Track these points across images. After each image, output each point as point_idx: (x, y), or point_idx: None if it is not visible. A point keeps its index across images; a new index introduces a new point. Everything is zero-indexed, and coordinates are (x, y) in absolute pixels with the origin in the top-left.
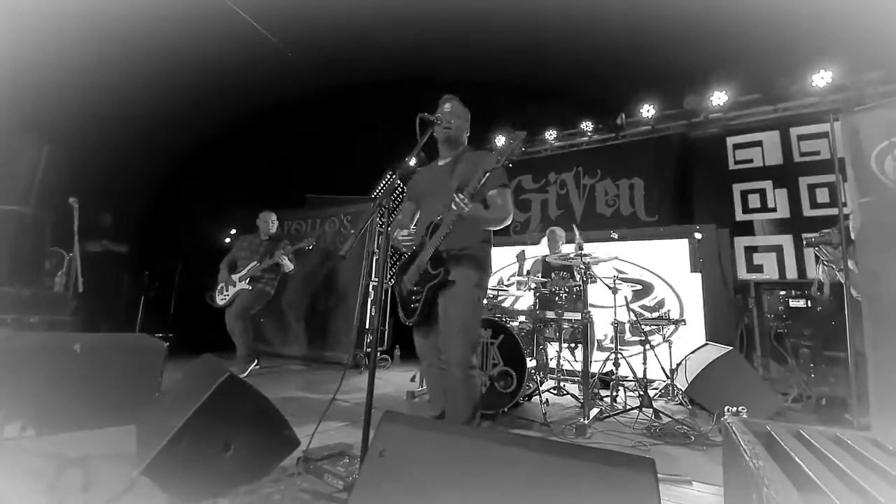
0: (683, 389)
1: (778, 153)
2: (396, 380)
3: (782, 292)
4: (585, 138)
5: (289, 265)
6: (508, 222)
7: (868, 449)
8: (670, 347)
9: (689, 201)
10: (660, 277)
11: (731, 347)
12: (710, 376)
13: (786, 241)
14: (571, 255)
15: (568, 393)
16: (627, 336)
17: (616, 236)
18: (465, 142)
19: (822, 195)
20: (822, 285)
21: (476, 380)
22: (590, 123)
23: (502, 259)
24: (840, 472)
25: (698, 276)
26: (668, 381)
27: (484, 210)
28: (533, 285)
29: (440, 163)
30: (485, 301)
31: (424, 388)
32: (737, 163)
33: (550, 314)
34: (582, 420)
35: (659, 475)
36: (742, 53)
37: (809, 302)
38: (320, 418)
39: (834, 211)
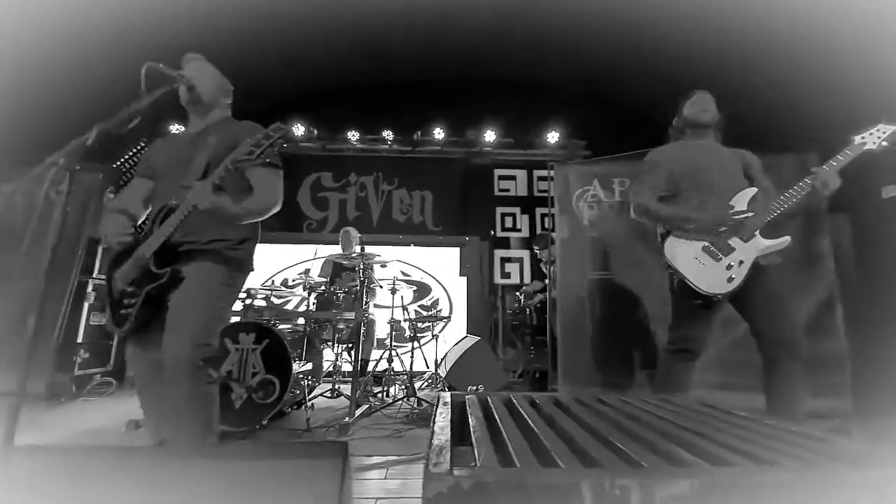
0: (444, 377)
1: (525, 187)
2: (120, 408)
3: (517, 293)
4: (386, 146)
5: None
6: (272, 212)
7: (523, 406)
8: (437, 341)
9: (464, 216)
10: (436, 280)
11: (479, 338)
12: (463, 362)
13: (525, 254)
14: (355, 256)
15: (342, 394)
16: (407, 333)
17: (410, 244)
18: (227, 111)
19: (548, 222)
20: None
21: (211, 395)
22: (390, 133)
23: (291, 257)
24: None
25: (465, 279)
26: (433, 372)
27: (232, 204)
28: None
29: (190, 132)
30: (239, 305)
31: None
32: (500, 190)
33: (326, 315)
34: (347, 419)
35: (402, 455)
36: (511, 105)
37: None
38: None
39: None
